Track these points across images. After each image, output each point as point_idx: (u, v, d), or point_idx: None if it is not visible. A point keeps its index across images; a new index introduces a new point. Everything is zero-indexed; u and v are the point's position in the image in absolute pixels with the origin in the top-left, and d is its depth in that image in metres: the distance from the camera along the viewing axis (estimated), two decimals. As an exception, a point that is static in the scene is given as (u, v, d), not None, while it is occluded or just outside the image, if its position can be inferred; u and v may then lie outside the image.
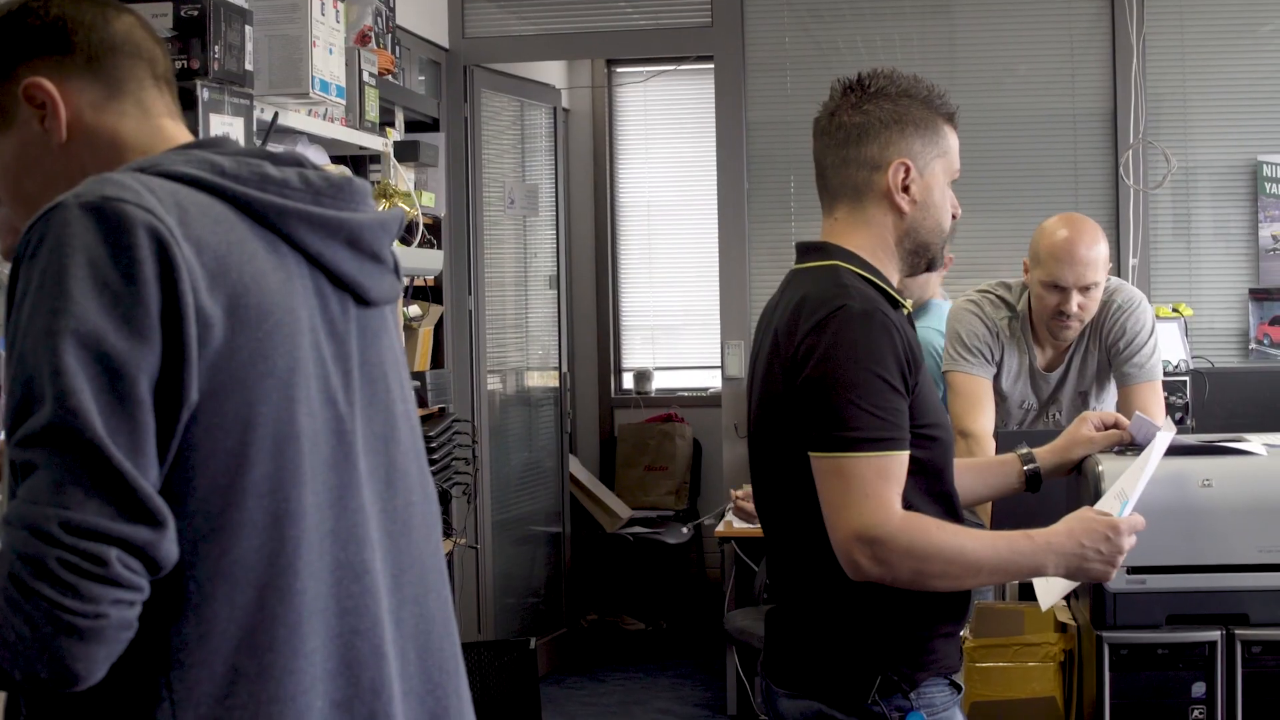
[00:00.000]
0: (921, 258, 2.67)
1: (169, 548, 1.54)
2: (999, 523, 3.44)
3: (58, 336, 1.52)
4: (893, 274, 2.65)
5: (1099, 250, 4.11)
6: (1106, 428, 3.07)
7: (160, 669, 1.59)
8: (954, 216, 2.68)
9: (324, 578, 1.70)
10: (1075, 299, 4.10)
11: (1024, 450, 3.05)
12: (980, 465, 3.05)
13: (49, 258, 1.56)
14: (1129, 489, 2.71)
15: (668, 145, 8.74)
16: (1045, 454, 3.05)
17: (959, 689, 2.62)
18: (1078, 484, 3.14)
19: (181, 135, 1.85)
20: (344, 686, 1.71)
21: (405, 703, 1.80)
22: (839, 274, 2.56)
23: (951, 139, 2.67)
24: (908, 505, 2.48)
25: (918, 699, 2.53)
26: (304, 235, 1.75)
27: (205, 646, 1.61)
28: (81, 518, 1.48)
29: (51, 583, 1.46)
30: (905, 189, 2.61)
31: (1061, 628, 3.49)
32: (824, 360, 2.45)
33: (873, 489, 2.42)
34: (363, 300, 1.84)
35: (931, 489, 2.57)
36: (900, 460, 2.46)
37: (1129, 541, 2.59)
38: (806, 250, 2.68)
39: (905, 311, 2.60)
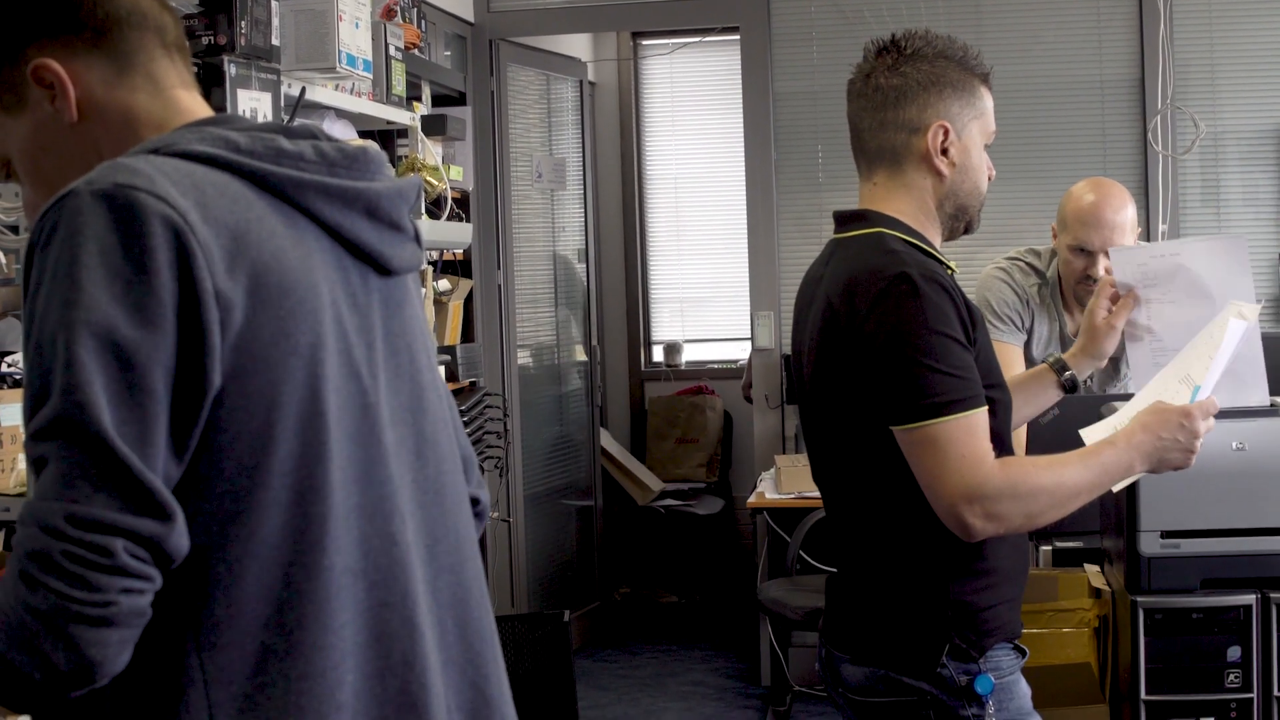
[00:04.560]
0: (961, 220, 2.67)
1: (178, 540, 1.54)
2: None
3: (69, 328, 1.51)
4: (935, 237, 2.65)
5: (1126, 214, 4.09)
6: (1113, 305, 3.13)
7: (192, 650, 1.60)
8: (989, 178, 2.68)
9: (351, 552, 1.70)
10: (1102, 263, 4.08)
11: (1053, 358, 3.06)
12: (1016, 384, 3.00)
13: (61, 247, 1.55)
14: (1191, 371, 2.69)
15: (694, 117, 8.72)
16: (1074, 357, 3.07)
17: (1023, 653, 2.62)
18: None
19: (196, 105, 1.83)
20: (374, 659, 1.71)
21: (445, 672, 1.80)
22: (885, 240, 2.55)
23: (987, 100, 2.66)
24: None
25: (985, 663, 2.53)
26: (321, 207, 1.74)
27: (236, 626, 1.61)
28: (87, 511, 1.48)
29: (59, 575, 1.46)
30: (944, 151, 2.61)
31: (1095, 593, 3.48)
32: (894, 331, 2.44)
33: (967, 449, 2.41)
34: (384, 270, 1.83)
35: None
36: (984, 414, 2.46)
37: (1205, 425, 2.59)
38: (847, 219, 2.67)
39: (950, 273, 2.59)
